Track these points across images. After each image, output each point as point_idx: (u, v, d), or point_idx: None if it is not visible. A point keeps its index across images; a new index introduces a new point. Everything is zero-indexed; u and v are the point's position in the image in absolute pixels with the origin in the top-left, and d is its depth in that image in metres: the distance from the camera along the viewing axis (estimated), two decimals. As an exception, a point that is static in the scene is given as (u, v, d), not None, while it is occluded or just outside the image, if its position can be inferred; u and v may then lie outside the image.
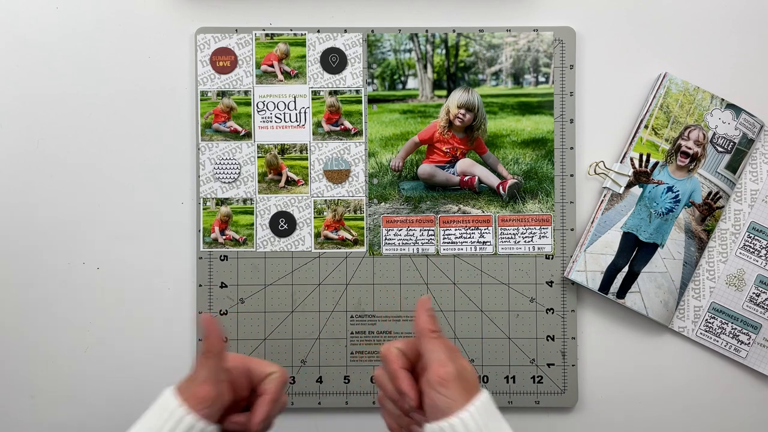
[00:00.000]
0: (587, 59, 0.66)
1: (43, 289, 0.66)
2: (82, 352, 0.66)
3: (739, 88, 0.66)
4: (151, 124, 0.66)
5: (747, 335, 0.65)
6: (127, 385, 0.66)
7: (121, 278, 0.66)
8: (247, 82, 0.66)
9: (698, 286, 0.66)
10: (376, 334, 0.65)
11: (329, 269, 0.65)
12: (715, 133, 0.65)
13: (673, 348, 0.66)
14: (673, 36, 0.66)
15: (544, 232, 0.66)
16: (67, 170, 0.66)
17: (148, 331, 0.66)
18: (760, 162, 0.66)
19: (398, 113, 0.66)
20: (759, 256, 0.65)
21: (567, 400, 0.65)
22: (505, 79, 0.66)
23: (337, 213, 0.66)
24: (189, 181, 0.66)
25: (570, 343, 0.65)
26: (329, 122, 0.66)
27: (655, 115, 0.65)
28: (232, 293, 0.65)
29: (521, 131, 0.66)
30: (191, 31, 0.66)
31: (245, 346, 0.65)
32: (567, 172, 0.66)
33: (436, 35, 0.65)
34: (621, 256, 0.64)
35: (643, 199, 0.65)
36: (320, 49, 0.65)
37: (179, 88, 0.66)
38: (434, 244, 0.65)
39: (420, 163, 0.66)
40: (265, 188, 0.66)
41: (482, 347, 0.65)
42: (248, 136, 0.66)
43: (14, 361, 0.66)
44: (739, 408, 0.66)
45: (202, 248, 0.65)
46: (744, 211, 0.66)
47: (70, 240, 0.65)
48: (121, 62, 0.66)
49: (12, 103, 0.65)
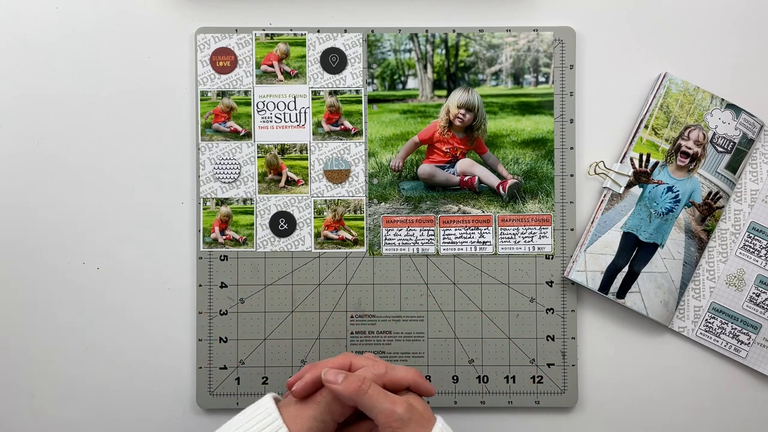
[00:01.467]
0: (587, 59, 0.66)
1: (43, 289, 0.66)
2: (82, 352, 0.66)
3: (739, 88, 0.66)
4: (151, 124, 0.66)
5: (747, 335, 0.65)
6: (126, 385, 0.66)
7: (121, 278, 0.66)
8: (247, 82, 0.66)
9: (698, 286, 0.66)
10: (376, 334, 0.65)
11: (329, 269, 0.65)
12: (715, 133, 0.65)
13: (673, 348, 0.66)
14: (673, 36, 0.66)
15: (544, 232, 0.66)
16: (67, 170, 0.66)
17: (148, 331, 0.66)
18: (760, 162, 0.66)
19: (398, 113, 0.66)
20: (759, 256, 0.65)
21: (567, 400, 0.65)
22: (505, 79, 0.66)
23: (337, 213, 0.66)
24: (189, 181, 0.66)
25: (570, 343, 0.65)
26: (329, 122, 0.66)
27: (655, 115, 0.65)
28: (232, 293, 0.65)
29: (521, 131, 0.66)
30: (191, 31, 0.66)
31: (245, 346, 0.65)
32: (567, 172, 0.66)
33: (436, 35, 0.66)
34: (621, 256, 0.64)
35: (643, 199, 0.65)
36: (320, 49, 0.65)
37: (179, 88, 0.66)
38: (434, 244, 0.65)
39: (420, 163, 0.66)
40: (265, 188, 0.66)
41: (482, 347, 0.65)
42: (248, 136, 0.66)
43: (14, 361, 0.66)
44: (739, 408, 0.66)
45: (202, 248, 0.65)
46: (744, 211, 0.66)
47: (70, 240, 0.66)
48: (121, 62, 0.66)
49: (12, 103, 0.65)
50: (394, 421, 0.46)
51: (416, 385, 0.50)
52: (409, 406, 0.47)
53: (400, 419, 0.46)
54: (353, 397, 0.47)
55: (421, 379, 0.50)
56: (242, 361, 0.65)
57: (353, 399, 0.47)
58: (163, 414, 0.66)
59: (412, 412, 0.47)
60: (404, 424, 0.46)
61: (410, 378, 0.50)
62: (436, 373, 0.65)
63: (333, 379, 0.47)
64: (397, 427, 0.46)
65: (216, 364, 0.65)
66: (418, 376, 0.50)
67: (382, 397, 0.47)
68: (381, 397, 0.47)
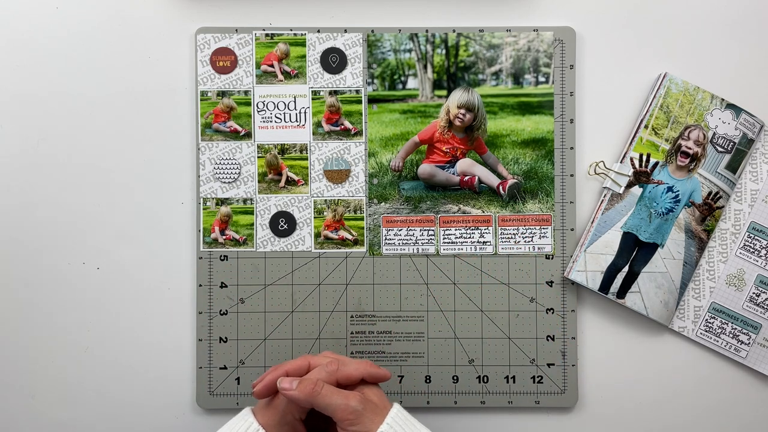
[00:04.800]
0: (587, 59, 0.66)
1: (43, 289, 0.66)
2: (82, 352, 0.66)
3: (739, 88, 0.66)
4: (151, 124, 0.66)
5: (747, 335, 0.65)
6: (126, 385, 0.66)
7: (121, 278, 0.66)
8: (247, 82, 0.66)
9: (698, 286, 0.66)
10: (376, 334, 0.65)
11: (329, 269, 0.65)
12: (715, 133, 0.65)
13: (673, 348, 0.66)
14: (673, 36, 0.66)
15: (544, 232, 0.66)
16: (67, 170, 0.66)
17: (148, 331, 0.66)
18: (760, 162, 0.66)
19: (398, 113, 0.66)
20: (759, 256, 0.65)
21: (567, 400, 0.65)
22: (505, 79, 0.66)
23: (337, 213, 0.66)
24: (189, 181, 0.66)
25: (570, 343, 0.65)
26: (329, 122, 0.66)
27: (655, 115, 0.65)
28: (232, 293, 0.65)
29: (521, 131, 0.66)
30: (191, 31, 0.66)
31: (245, 346, 0.65)
32: (567, 172, 0.66)
33: (436, 35, 0.66)
34: (621, 256, 0.64)
35: (643, 199, 0.65)
36: (320, 49, 0.65)
37: (179, 88, 0.66)
38: (434, 244, 0.65)
39: (420, 163, 0.66)
40: (265, 188, 0.66)
41: (482, 347, 0.65)
42: (248, 136, 0.66)
43: (14, 361, 0.66)
44: (739, 408, 0.66)
45: (202, 248, 0.65)
46: (744, 211, 0.66)
47: (70, 240, 0.65)
48: (122, 62, 0.66)
49: (12, 103, 0.65)
50: (349, 414, 0.48)
51: (370, 376, 0.53)
52: (362, 398, 0.50)
53: (354, 411, 0.49)
54: (308, 400, 0.49)
55: (373, 369, 0.53)
56: (242, 361, 0.65)
57: (308, 401, 0.49)
58: (163, 414, 0.66)
59: (366, 403, 0.49)
60: (360, 415, 0.48)
61: (362, 370, 0.52)
62: (436, 373, 0.65)
63: (288, 386, 0.50)
64: (353, 419, 0.48)
65: (216, 364, 0.65)
66: (369, 366, 0.53)
67: (335, 394, 0.49)
68: (334, 395, 0.49)
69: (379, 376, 0.53)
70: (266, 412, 0.52)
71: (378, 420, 0.49)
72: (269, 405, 0.52)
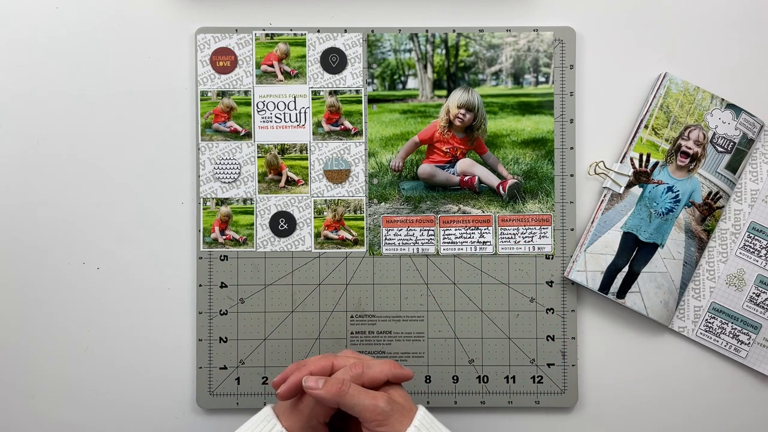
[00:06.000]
0: (587, 59, 0.66)
1: (43, 289, 0.66)
2: (82, 352, 0.66)
3: (739, 88, 0.66)
4: (151, 124, 0.66)
5: (747, 335, 0.65)
6: (126, 385, 0.66)
7: (121, 278, 0.66)
8: (247, 82, 0.66)
9: (698, 286, 0.66)
10: (376, 334, 0.65)
11: (329, 269, 0.65)
12: (715, 133, 0.65)
13: (673, 348, 0.66)
14: (673, 36, 0.66)
15: (544, 232, 0.66)
16: (67, 170, 0.66)
17: (148, 331, 0.66)
18: (760, 162, 0.66)
19: (398, 113, 0.66)
20: (759, 256, 0.65)
21: (567, 400, 0.65)
22: (505, 79, 0.66)
23: (337, 213, 0.66)
24: (189, 181, 0.66)
25: (570, 343, 0.65)
26: (329, 122, 0.66)
27: (655, 115, 0.65)
28: (232, 293, 0.65)
29: (521, 131, 0.66)
30: (191, 31, 0.66)
31: (245, 346, 0.65)
32: (567, 172, 0.66)
33: (436, 35, 0.66)
34: (621, 256, 0.64)
35: (643, 199, 0.65)
36: (320, 49, 0.65)
37: (179, 88, 0.66)
38: (434, 244, 0.65)
39: (420, 163, 0.66)
40: (265, 188, 0.66)
41: (482, 347, 0.65)
42: (248, 136, 0.66)
43: (14, 361, 0.66)
44: (739, 408, 0.66)
45: (202, 248, 0.65)
46: (744, 211, 0.66)
47: (70, 240, 0.65)
48: (121, 62, 0.66)
49: (12, 103, 0.65)
50: (377, 414, 0.48)
51: (394, 377, 0.52)
52: (390, 399, 0.49)
53: (383, 412, 0.48)
54: (336, 400, 0.49)
55: (397, 369, 0.52)
56: (242, 361, 0.65)
57: (336, 401, 0.49)
58: (163, 414, 0.66)
59: (394, 404, 0.49)
60: (387, 416, 0.48)
61: (387, 371, 0.52)
62: (436, 373, 0.65)
63: (314, 385, 0.49)
64: (382, 419, 0.48)
65: (216, 364, 0.65)
66: (393, 367, 0.52)
67: (363, 394, 0.49)
68: (362, 395, 0.49)
69: (403, 377, 0.53)
70: (291, 416, 0.51)
71: (405, 422, 0.49)
72: (294, 408, 0.52)
